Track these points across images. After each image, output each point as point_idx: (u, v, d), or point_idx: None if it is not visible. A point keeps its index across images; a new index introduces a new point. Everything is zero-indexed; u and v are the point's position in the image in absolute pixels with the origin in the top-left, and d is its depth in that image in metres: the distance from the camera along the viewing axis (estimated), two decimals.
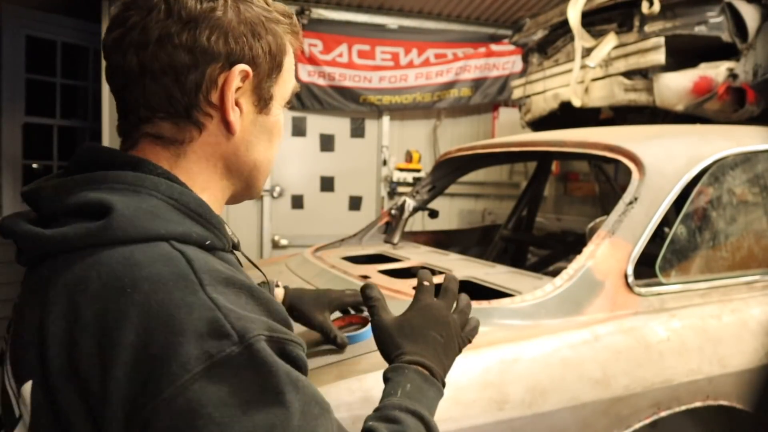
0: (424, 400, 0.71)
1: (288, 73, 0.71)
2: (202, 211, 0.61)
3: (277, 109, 0.71)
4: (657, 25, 2.42)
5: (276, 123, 0.72)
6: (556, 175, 4.66)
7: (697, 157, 1.46)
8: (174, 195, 0.60)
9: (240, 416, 0.48)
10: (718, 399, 1.23)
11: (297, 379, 0.53)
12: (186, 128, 0.63)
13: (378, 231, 2.32)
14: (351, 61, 4.69)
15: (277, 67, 0.68)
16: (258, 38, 0.64)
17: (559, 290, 1.24)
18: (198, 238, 0.58)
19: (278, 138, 0.73)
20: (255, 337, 0.51)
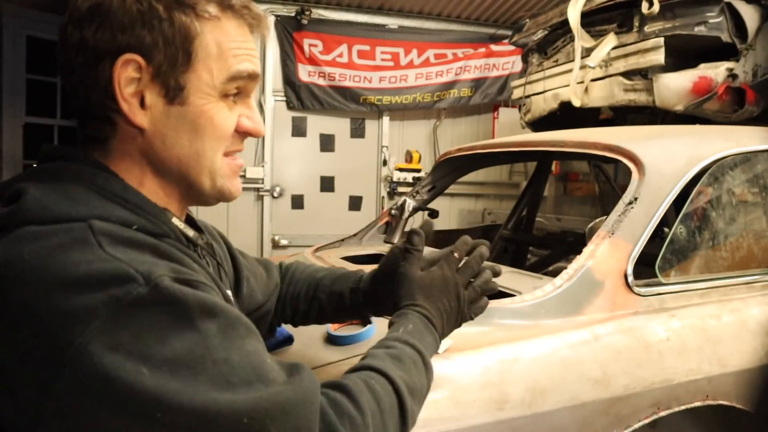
0: (423, 341, 0.76)
1: (211, 59, 0.64)
2: (129, 196, 0.62)
3: (201, 99, 0.64)
4: (657, 25, 2.42)
5: (200, 114, 0.64)
6: (556, 175, 4.66)
7: (697, 157, 1.46)
8: (97, 182, 0.61)
9: (158, 347, 0.49)
10: (718, 399, 1.23)
11: (213, 305, 0.55)
12: (103, 127, 0.64)
13: (378, 231, 2.32)
14: (351, 61, 4.70)
15: (183, 53, 0.62)
16: (149, 26, 0.61)
17: (559, 290, 1.24)
18: (119, 220, 0.58)
19: (209, 129, 0.65)
20: (160, 276, 0.52)
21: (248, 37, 0.68)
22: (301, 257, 1.93)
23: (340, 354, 1.08)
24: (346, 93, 4.69)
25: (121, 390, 0.47)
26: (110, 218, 0.58)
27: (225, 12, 0.65)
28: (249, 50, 0.67)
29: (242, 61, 0.66)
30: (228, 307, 0.57)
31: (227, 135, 0.67)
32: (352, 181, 4.88)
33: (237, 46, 0.66)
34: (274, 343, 1.17)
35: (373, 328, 1.17)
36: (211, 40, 0.64)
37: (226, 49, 0.65)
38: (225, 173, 0.69)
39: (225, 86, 0.65)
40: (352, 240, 2.29)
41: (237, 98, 0.69)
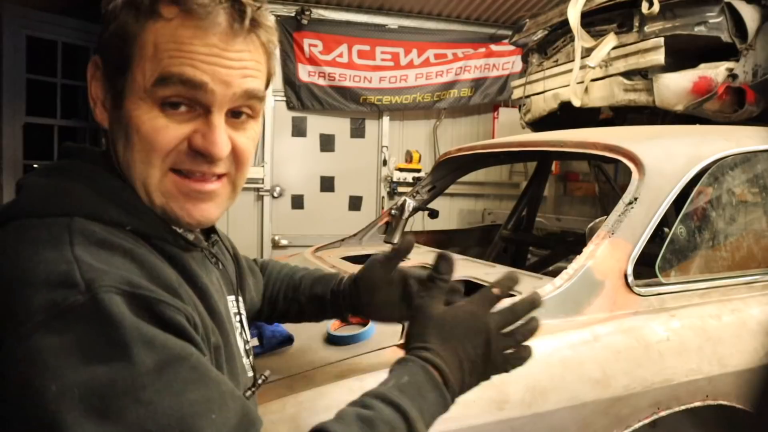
0: (419, 400, 0.61)
1: (146, 60, 0.58)
2: (125, 196, 0.61)
3: (133, 104, 0.59)
4: (657, 25, 2.42)
5: (129, 120, 0.59)
6: (556, 175, 4.66)
7: (697, 157, 1.46)
8: (97, 180, 0.61)
9: (78, 366, 0.46)
10: (718, 399, 1.23)
11: (153, 336, 0.49)
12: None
13: (378, 231, 2.32)
14: (351, 61, 4.70)
15: (120, 54, 0.59)
16: (106, 26, 0.60)
17: (559, 290, 1.24)
18: (112, 220, 0.58)
19: (136, 138, 0.59)
20: (103, 287, 0.49)
21: (205, 41, 0.58)
22: (300, 257, 1.93)
23: (340, 354, 1.08)
24: (346, 93, 4.69)
25: (26, 403, 0.45)
26: (102, 217, 0.58)
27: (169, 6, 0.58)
28: (194, 54, 0.57)
29: (179, 63, 0.57)
30: (176, 343, 0.51)
31: (160, 148, 0.59)
32: (352, 181, 4.88)
33: (177, 48, 0.57)
34: (274, 343, 1.17)
35: (373, 328, 1.17)
36: (150, 41, 0.58)
37: (163, 50, 0.57)
38: (168, 192, 0.62)
39: (156, 90, 0.58)
40: (352, 240, 2.29)
41: (192, 112, 0.60)
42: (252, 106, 0.64)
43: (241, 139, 0.64)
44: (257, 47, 0.63)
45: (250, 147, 0.66)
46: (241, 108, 0.63)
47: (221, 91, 0.59)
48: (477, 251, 2.78)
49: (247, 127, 0.65)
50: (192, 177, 0.62)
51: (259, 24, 0.62)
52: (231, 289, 0.80)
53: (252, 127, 0.66)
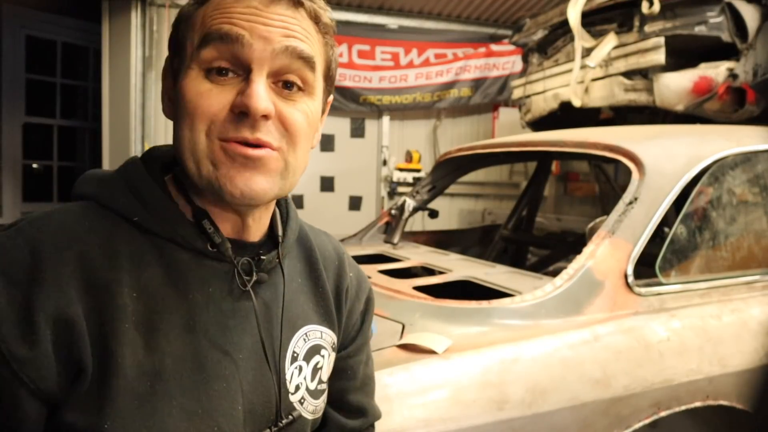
0: None
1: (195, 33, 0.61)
2: (141, 188, 0.63)
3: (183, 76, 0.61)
4: (657, 25, 2.42)
5: (180, 89, 0.60)
6: (556, 175, 4.66)
7: (697, 157, 1.46)
8: (129, 172, 0.65)
9: None
10: (718, 399, 1.23)
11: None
12: None
13: (378, 231, 2.32)
14: (351, 61, 4.70)
15: (180, 39, 0.63)
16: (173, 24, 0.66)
17: (559, 290, 1.24)
18: (122, 208, 0.61)
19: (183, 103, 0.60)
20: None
21: (245, 4, 0.59)
22: None
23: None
24: (345, 93, 4.69)
25: None
26: (112, 205, 0.61)
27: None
28: (233, 13, 0.58)
29: (219, 23, 0.58)
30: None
31: (203, 112, 0.58)
32: (352, 181, 4.88)
33: (218, 11, 0.59)
34: None
35: (372, 328, 1.17)
36: (199, 17, 0.61)
37: (208, 16, 0.60)
38: (216, 159, 0.59)
39: (199, 54, 0.59)
40: (352, 240, 2.29)
41: (237, 78, 0.60)
42: (301, 74, 0.61)
43: (290, 110, 0.61)
44: (304, 18, 0.62)
45: (301, 120, 0.62)
46: (289, 71, 0.61)
47: (260, 46, 0.58)
48: (477, 251, 2.78)
49: (297, 99, 0.62)
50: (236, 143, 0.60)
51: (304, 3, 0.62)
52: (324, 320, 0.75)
53: (305, 102, 0.63)
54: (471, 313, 1.21)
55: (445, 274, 1.63)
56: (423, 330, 1.14)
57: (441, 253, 2.04)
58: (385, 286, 1.42)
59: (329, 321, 0.76)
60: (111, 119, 4.01)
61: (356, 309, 0.82)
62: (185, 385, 0.59)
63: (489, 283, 1.49)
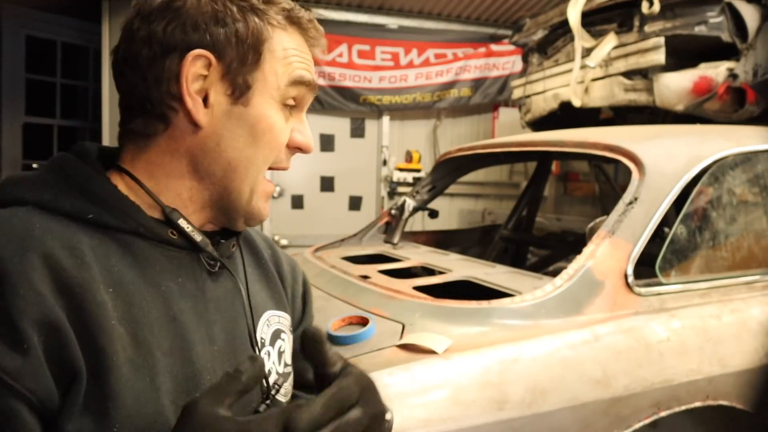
0: None
1: (277, 62, 0.64)
2: (92, 187, 0.60)
3: (264, 102, 0.64)
4: (657, 25, 2.42)
5: (261, 117, 0.63)
6: (556, 175, 4.66)
7: (697, 157, 1.46)
8: (68, 170, 0.61)
9: None
10: (718, 399, 1.23)
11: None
12: (153, 123, 0.63)
13: (378, 231, 2.32)
14: (351, 61, 4.69)
15: (253, 52, 0.62)
16: (222, 25, 0.61)
17: (559, 290, 1.24)
18: (72, 209, 0.58)
19: (267, 136, 0.64)
20: None
21: (309, 51, 0.68)
22: (300, 257, 1.93)
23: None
24: (345, 93, 4.69)
25: None
26: (63, 206, 0.58)
27: (292, 25, 0.66)
28: (309, 61, 0.67)
29: (304, 68, 0.66)
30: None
31: (281, 146, 0.66)
32: (352, 181, 4.88)
33: (299, 54, 0.66)
34: None
35: (372, 328, 1.17)
36: (278, 45, 0.64)
37: (291, 54, 0.65)
38: (261, 193, 0.67)
39: (287, 91, 0.65)
40: (352, 240, 2.29)
41: (293, 111, 0.68)
42: None
43: None
44: None
45: None
46: None
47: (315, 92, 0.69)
48: (477, 251, 2.78)
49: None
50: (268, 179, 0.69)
51: None
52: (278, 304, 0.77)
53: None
54: (471, 313, 1.21)
55: (445, 274, 1.63)
56: (423, 330, 1.14)
57: (441, 253, 2.04)
58: (385, 286, 1.42)
59: (283, 305, 0.79)
60: (111, 119, 4.01)
61: (297, 291, 0.86)
62: (179, 380, 0.58)
63: (489, 283, 1.49)
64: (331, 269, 1.67)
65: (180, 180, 0.64)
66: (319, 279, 1.61)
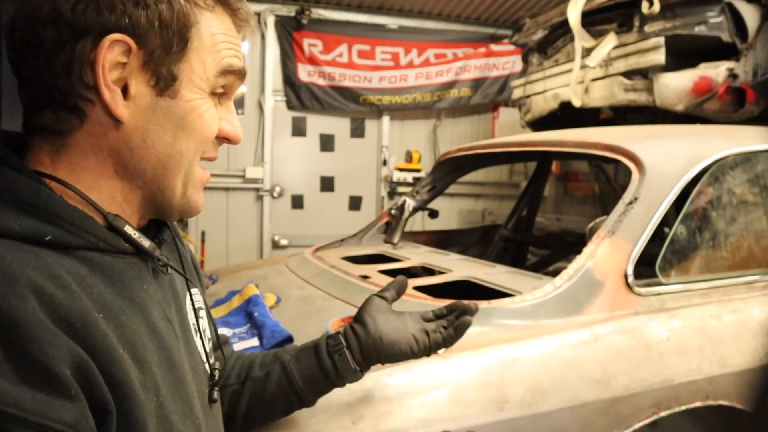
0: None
1: (205, 50, 0.58)
2: (39, 203, 0.51)
3: (193, 93, 0.58)
4: (657, 25, 2.42)
5: (191, 110, 0.58)
6: (556, 175, 4.66)
7: (697, 157, 1.46)
8: (2, 184, 0.51)
9: None
10: (718, 399, 1.23)
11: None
12: (66, 117, 0.55)
13: (378, 231, 2.32)
14: (351, 61, 4.69)
15: (179, 39, 0.56)
16: (143, 6, 0.53)
17: (559, 290, 1.24)
18: (24, 231, 0.49)
19: (198, 129, 0.59)
20: None
21: (237, 35, 0.63)
22: (300, 257, 1.93)
23: None
24: (346, 93, 4.69)
25: None
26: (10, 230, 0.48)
27: (219, 4, 0.60)
28: (237, 47, 0.62)
29: (233, 55, 0.61)
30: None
31: (211, 137, 0.62)
32: (352, 181, 4.88)
33: (228, 40, 0.61)
34: (273, 343, 1.17)
35: None
36: (206, 30, 0.58)
37: (220, 41, 0.60)
38: (196, 183, 0.63)
39: (216, 80, 0.60)
40: (352, 240, 2.29)
41: (221, 98, 0.63)
42: None
43: None
44: None
45: None
46: None
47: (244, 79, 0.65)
48: (477, 251, 2.78)
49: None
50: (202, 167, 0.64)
51: None
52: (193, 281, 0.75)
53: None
54: None
55: (445, 274, 1.63)
56: None
57: (441, 253, 2.04)
58: None
59: (197, 280, 0.78)
60: None
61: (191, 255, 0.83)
62: (173, 389, 0.58)
63: (489, 283, 1.49)
64: (331, 269, 1.67)
65: (110, 181, 0.57)
66: (319, 279, 1.61)
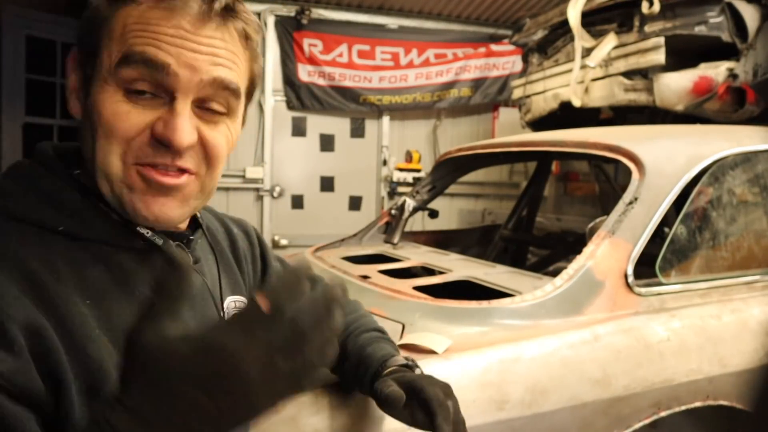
0: None
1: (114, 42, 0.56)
2: (63, 197, 0.58)
3: (97, 87, 0.57)
4: (657, 25, 2.42)
5: (94, 104, 0.57)
6: (556, 175, 4.66)
7: (697, 157, 1.46)
8: (36, 178, 0.59)
9: None
10: (718, 399, 1.23)
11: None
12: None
13: (378, 231, 2.32)
14: (351, 61, 4.69)
15: (95, 38, 0.57)
16: (83, 17, 0.59)
17: (559, 290, 1.24)
18: (41, 219, 0.56)
19: (99, 124, 0.56)
20: None
21: (173, 23, 0.55)
22: (300, 257, 1.93)
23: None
24: (346, 93, 4.69)
25: None
26: (30, 217, 0.56)
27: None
28: (159, 35, 0.55)
29: (143, 43, 0.55)
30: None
31: (121, 135, 0.56)
32: (352, 181, 4.88)
33: (143, 28, 0.55)
34: None
35: None
36: (120, 23, 0.56)
37: (130, 30, 0.55)
38: (132, 184, 0.58)
39: (119, 72, 0.55)
40: (352, 240, 2.28)
41: (157, 99, 0.57)
42: (226, 101, 0.60)
43: (212, 134, 0.60)
44: (233, 38, 0.60)
45: (222, 144, 0.61)
46: (213, 100, 0.60)
47: (186, 76, 0.56)
48: (477, 251, 2.77)
49: (219, 122, 0.61)
50: (156, 169, 0.58)
51: (236, 13, 0.60)
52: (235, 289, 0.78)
53: (226, 125, 0.62)
54: (471, 313, 1.21)
55: (445, 274, 1.63)
56: (423, 330, 1.14)
57: (441, 253, 2.04)
58: (385, 286, 1.42)
59: (239, 288, 0.80)
60: None
61: (255, 255, 0.87)
62: None
63: (489, 283, 1.49)
64: (331, 269, 1.67)
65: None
66: None
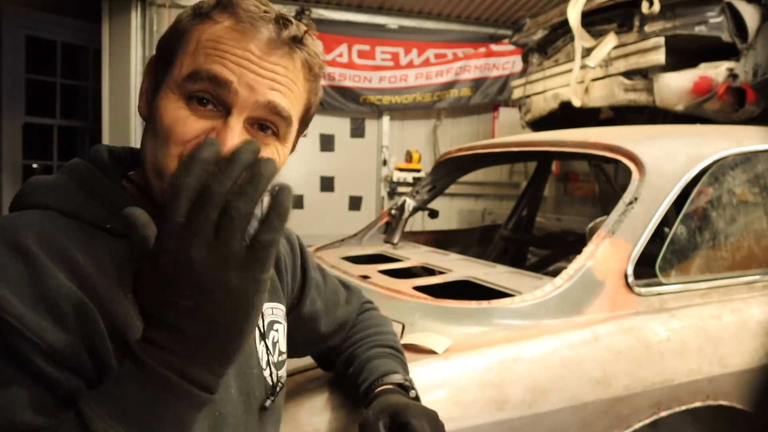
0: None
1: (186, 54, 0.61)
2: (113, 197, 0.62)
3: (163, 93, 0.62)
4: (657, 25, 2.42)
5: (157, 108, 0.61)
6: (556, 175, 4.66)
7: (697, 157, 1.46)
8: (89, 178, 0.63)
9: None
10: (718, 399, 1.23)
11: None
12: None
13: (378, 231, 2.32)
14: (351, 61, 4.70)
15: (170, 49, 0.63)
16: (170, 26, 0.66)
17: (559, 290, 1.24)
18: (91, 216, 0.60)
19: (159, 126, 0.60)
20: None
21: (242, 46, 0.60)
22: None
23: None
24: (346, 93, 4.69)
25: None
26: (81, 214, 0.60)
27: (222, 13, 0.61)
28: (228, 54, 0.60)
29: (212, 62, 0.60)
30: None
31: (177, 138, 0.60)
32: (352, 181, 4.88)
33: (214, 46, 0.60)
34: None
35: None
36: (195, 38, 0.62)
37: (203, 47, 0.61)
38: None
39: (185, 84, 0.60)
40: (352, 240, 2.28)
41: (215, 111, 0.61)
42: (276, 124, 0.63)
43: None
44: (296, 68, 0.64)
45: None
46: (265, 121, 0.63)
47: (244, 95, 0.60)
48: (477, 251, 2.77)
49: (269, 144, 0.65)
50: None
51: (303, 45, 0.64)
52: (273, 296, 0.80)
53: (275, 147, 0.66)
54: (471, 313, 1.21)
55: (445, 274, 1.63)
56: (423, 330, 1.14)
57: (441, 253, 2.04)
58: (385, 286, 1.42)
59: (277, 296, 0.81)
60: (111, 119, 4.01)
61: (296, 265, 0.88)
62: None
63: (489, 283, 1.49)
64: (331, 269, 1.67)
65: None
66: None
